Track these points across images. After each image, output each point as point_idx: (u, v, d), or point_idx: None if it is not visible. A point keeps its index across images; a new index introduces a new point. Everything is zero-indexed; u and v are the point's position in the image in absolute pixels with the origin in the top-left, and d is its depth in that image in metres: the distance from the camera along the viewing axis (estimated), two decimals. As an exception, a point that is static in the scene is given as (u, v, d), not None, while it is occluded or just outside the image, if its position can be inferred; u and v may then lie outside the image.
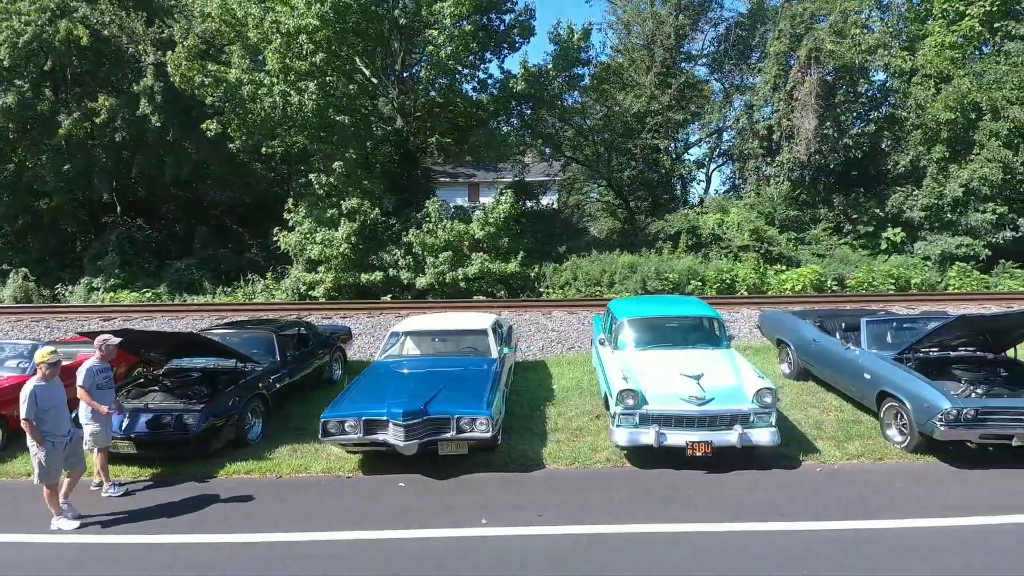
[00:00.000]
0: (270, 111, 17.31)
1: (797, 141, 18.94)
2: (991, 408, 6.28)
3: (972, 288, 18.13)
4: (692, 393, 6.51)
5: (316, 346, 9.47)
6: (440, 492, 6.21)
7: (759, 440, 6.42)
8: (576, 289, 18.62)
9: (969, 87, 19.04)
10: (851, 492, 6.07)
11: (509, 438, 7.42)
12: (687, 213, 20.57)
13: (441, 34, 17.13)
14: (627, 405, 6.54)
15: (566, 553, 5.08)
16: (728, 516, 5.61)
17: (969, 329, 7.11)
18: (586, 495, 6.09)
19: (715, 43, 23.34)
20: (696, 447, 6.35)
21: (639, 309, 8.38)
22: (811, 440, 7.29)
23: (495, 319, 9.18)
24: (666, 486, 6.26)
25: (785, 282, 17.76)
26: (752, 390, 6.51)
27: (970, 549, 5.00)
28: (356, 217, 17.85)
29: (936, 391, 6.48)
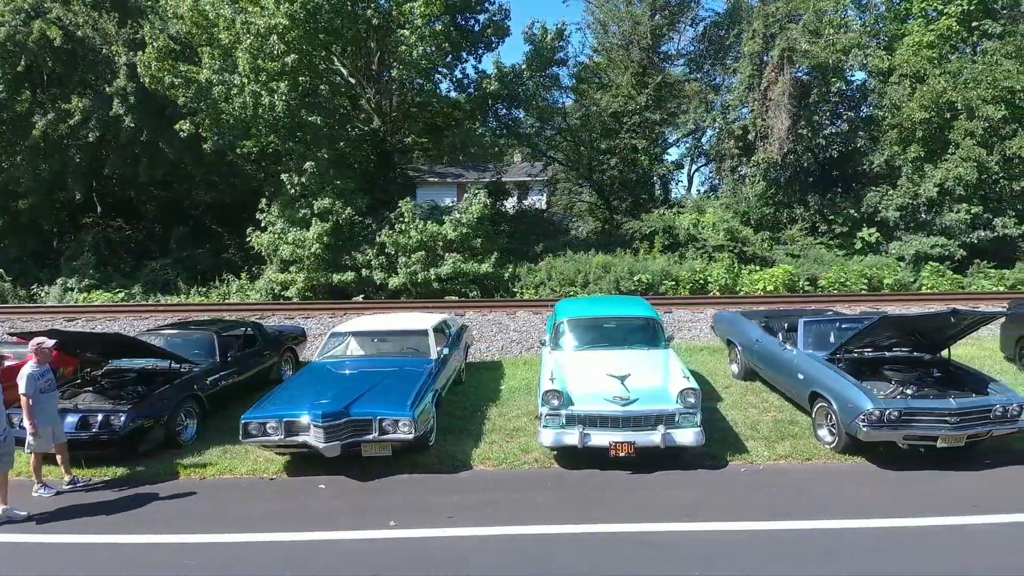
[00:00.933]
0: (240, 111, 17.28)
1: (771, 141, 18.92)
2: (915, 409, 6.26)
3: (946, 288, 18.14)
4: (616, 394, 6.49)
5: (263, 347, 9.44)
6: (360, 494, 6.18)
7: (683, 440, 6.40)
8: (551, 289, 18.59)
9: (944, 86, 19.01)
10: (773, 492, 6.05)
11: (444, 438, 7.40)
12: (663, 213, 20.55)
13: (413, 34, 17.11)
14: (552, 406, 6.52)
15: (470, 555, 5.05)
16: (647, 517, 5.58)
17: (893, 329, 7.09)
18: (507, 496, 6.06)
19: (695, 43, 23.37)
20: (619, 447, 6.33)
21: (579, 310, 8.37)
22: (743, 440, 7.27)
23: (441, 320, 9.16)
24: (589, 487, 6.23)
25: (757, 282, 17.74)
26: (676, 391, 6.49)
27: (884, 551, 4.97)
28: (328, 217, 17.82)
29: (860, 392, 6.46)
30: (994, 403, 6.30)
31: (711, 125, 20.65)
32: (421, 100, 20.27)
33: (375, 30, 18.28)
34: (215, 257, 22.04)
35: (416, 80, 18.34)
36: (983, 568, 4.72)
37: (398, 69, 17.80)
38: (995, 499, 5.76)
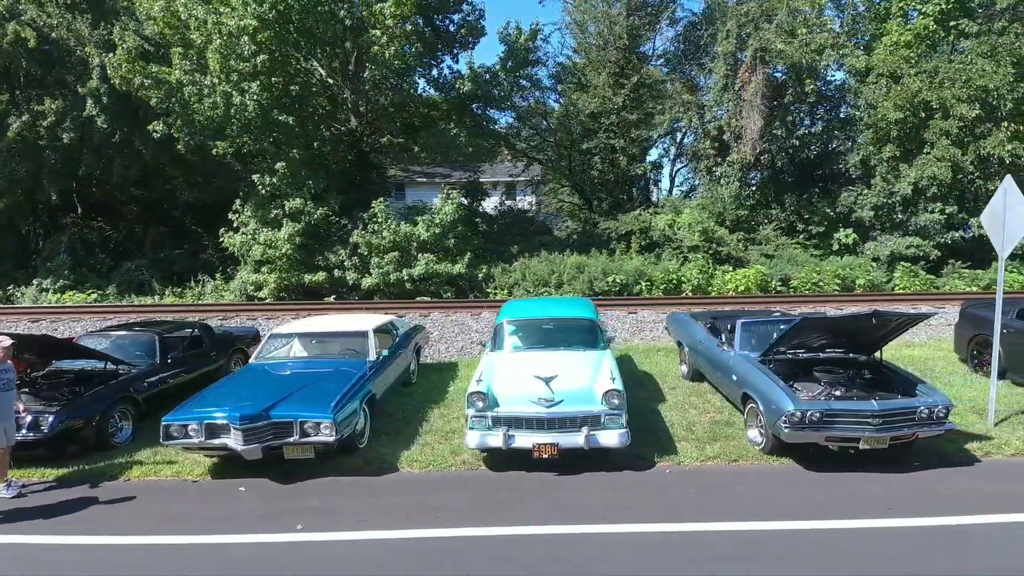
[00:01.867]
0: (211, 112, 17.26)
1: (744, 141, 18.89)
2: (836, 411, 6.24)
3: (918, 288, 18.13)
4: (541, 395, 6.47)
5: (210, 348, 9.43)
6: (278, 497, 6.16)
7: (607, 442, 6.39)
8: (524, 290, 18.57)
9: (920, 86, 18.97)
10: (691, 494, 6.03)
11: (379, 440, 7.39)
12: (639, 214, 20.53)
13: (384, 34, 17.09)
14: (477, 408, 6.51)
15: (374, 559, 5.02)
16: (561, 519, 5.56)
17: (816, 331, 7.07)
18: (425, 499, 6.04)
19: (674, 43, 23.37)
20: (542, 449, 6.31)
21: (519, 311, 8.35)
22: (676, 441, 7.25)
23: (386, 321, 9.15)
24: (510, 489, 6.21)
25: (728, 283, 17.72)
26: (601, 392, 6.47)
27: (785, 553, 4.94)
28: (300, 218, 17.80)
29: (783, 393, 6.44)
30: (918, 405, 6.28)
31: (688, 126, 20.62)
32: (398, 100, 20.26)
33: (349, 30, 18.25)
34: (192, 258, 22.04)
35: (390, 80, 18.30)
36: (880, 571, 4.70)
37: (370, 69, 17.79)
38: (910, 502, 5.75)
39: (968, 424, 7.60)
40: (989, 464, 6.64)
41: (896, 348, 11.69)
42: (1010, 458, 6.78)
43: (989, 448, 6.93)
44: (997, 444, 6.99)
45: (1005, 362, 9.14)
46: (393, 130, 20.85)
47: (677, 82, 20.73)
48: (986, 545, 4.99)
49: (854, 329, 6.97)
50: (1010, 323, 9.14)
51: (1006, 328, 9.17)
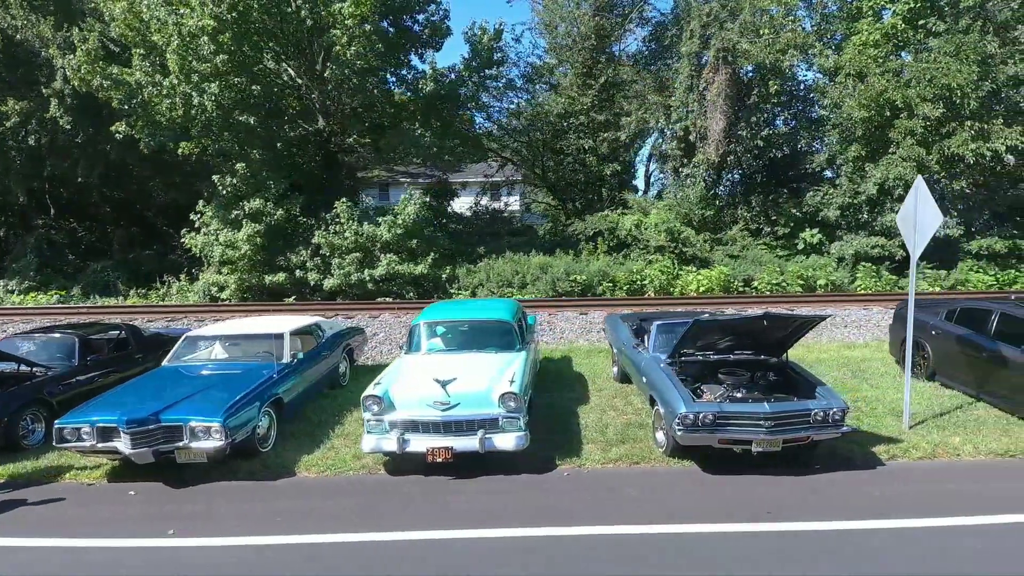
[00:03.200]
0: (170, 112, 17.21)
1: (708, 142, 18.83)
2: (728, 413, 6.19)
3: (883, 288, 18.09)
4: (437, 398, 6.42)
5: (136, 350, 9.38)
6: (166, 501, 6.11)
7: (503, 445, 6.34)
8: (488, 291, 18.52)
9: (885, 85, 18.90)
10: (583, 496, 5.99)
11: (287, 444, 7.34)
12: (607, 214, 20.48)
13: (344, 35, 17.04)
14: (373, 411, 6.46)
15: (244, 564, 4.97)
16: (449, 522, 5.51)
17: (712, 333, 7.02)
18: (314, 504, 5.98)
19: (645, 43, 23.30)
20: (436, 453, 6.27)
21: (435, 313, 8.31)
22: (584, 443, 7.20)
23: (310, 323, 9.10)
24: (403, 493, 6.16)
25: (691, 283, 17.67)
26: (498, 395, 6.42)
27: (650, 556, 4.90)
28: (261, 218, 17.74)
29: (678, 395, 6.40)
30: (812, 408, 6.22)
31: (655, 126, 20.57)
32: (365, 101, 20.19)
33: (311, 31, 18.20)
34: (161, 259, 21.99)
35: (352, 80, 18.25)
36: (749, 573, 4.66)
37: (331, 69, 17.73)
38: (796, 506, 5.70)
39: (882, 426, 7.56)
40: (891, 468, 6.60)
41: (837, 350, 11.76)
42: (915, 462, 6.73)
43: (896, 451, 6.88)
44: (904, 447, 6.94)
45: (934, 364, 9.12)
46: (361, 130, 20.76)
47: (646, 82, 20.66)
48: (865, 549, 4.95)
49: (751, 331, 6.92)
50: (938, 325, 9.12)
51: (934, 330, 9.15)
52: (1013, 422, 7.60)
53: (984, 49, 18.25)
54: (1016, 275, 18.84)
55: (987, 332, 8.20)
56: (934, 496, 5.87)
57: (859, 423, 7.69)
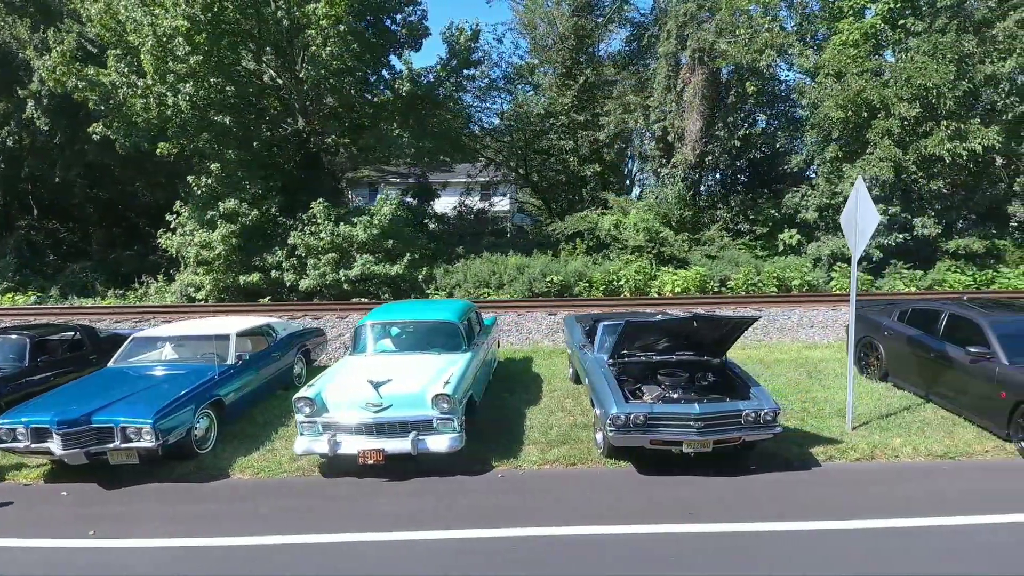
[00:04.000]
0: (144, 112, 17.21)
1: (685, 143, 18.82)
2: (659, 414, 6.18)
3: (860, 290, 18.04)
4: (369, 400, 6.41)
5: (90, 351, 9.36)
6: (97, 502, 6.09)
7: (436, 447, 6.33)
8: (466, 291, 18.51)
9: (862, 85, 18.87)
10: (511, 498, 5.99)
11: (227, 445, 7.32)
12: (586, 214, 20.47)
13: (318, 35, 17.04)
14: (305, 413, 6.44)
15: (156, 566, 4.97)
16: (370, 526, 5.47)
17: (646, 333, 7.01)
18: (241, 506, 5.96)
19: (627, 43, 23.24)
20: (367, 455, 6.25)
21: (381, 314, 8.30)
22: (525, 444, 7.19)
23: (260, 324, 9.09)
24: (331, 496, 6.14)
25: (666, 284, 17.66)
26: (431, 396, 6.41)
27: (567, 558, 4.89)
28: (236, 219, 17.73)
29: (611, 396, 6.39)
30: (743, 409, 6.22)
31: (635, 127, 20.54)
32: (345, 100, 20.17)
33: (287, 31, 18.18)
34: (141, 259, 21.96)
35: (329, 80, 18.24)
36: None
37: (306, 70, 17.72)
38: (719, 507, 5.68)
39: (826, 427, 7.55)
40: (827, 469, 6.58)
41: (799, 350, 11.75)
42: (852, 463, 6.72)
43: (834, 452, 6.87)
44: (843, 448, 6.93)
45: (887, 365, 9.10)
46: (340, 130, 20.74)
47: (625, 83, 20.64)
48: (784, 550, 4.94)
49: (686, 332, 6.91)
50: (891, 326, 9.11)
51: (887, 331, 9.14)
52: (959, 423, 7.58)
53: (961, 48, 18.23)
54: (994, 275, 18.82)
55: (936, 333, 8.19)
56: (863, 498, 5.85)
57: (803, 424, 7.70)
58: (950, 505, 5.63)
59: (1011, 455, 6.77)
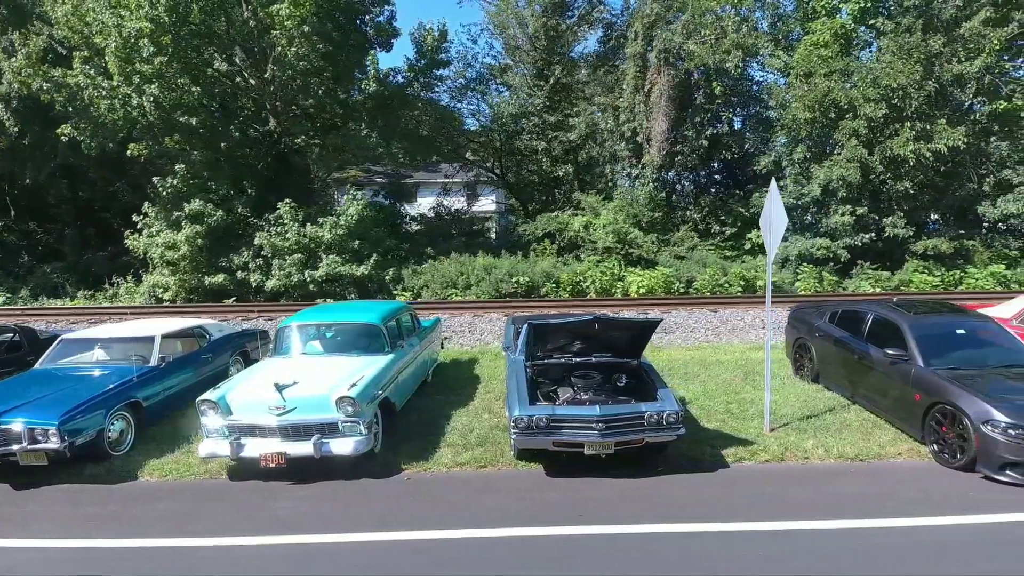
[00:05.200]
0: (108, 114, 17.22)
1: (652, 143, 18.82)
2: (560, 417, 6.19)
3: (826, 289, 18.09)
4: (273, 403, 6.42)
5: (29, 352, 9.39)
6: (6, 503, 6.11)
7: (340, 450, 6.33)
8: (433, 292, 18.52)
9: (829, 86, 18.89)
10: (412, 500, 5.99)
11: (145, 446, 7.32)
12: (556, 215, 20.48)
13: (284, 36, 17.06)
14: (208, 416, 6.45)
15: (45, 565, 4.99)
16: (262, 528, 5.48)
17: (553, 335, 7.02)
18: (140, 508, 5.95)
19: (599, 44, 23.27)
20: (269, 458, 6.25)
21: (304, 316, 8.31)
22: (440, 447, 7.17)
23: (191, 326, 9.10)
24: (231, 498, 6.13)
25: (631, 284, 17.67)
26: (335, 399, 6.41)
27: (431, 562, 4.91)
28: (202, 220, 17.75)
29: (517, 398, 6.40)
30: (644, 410, 6.22)
31: (605, 127, 20.53)
32: (315, 101, 20.17)
33: (254, 32, 18.19)
34: (114, 260, 21.96)
35: (296, 81, 18.25)
36: None
37: (271, 71, 17.73)
38: (616, 509, 5.68)
39: (745, 429, 7.55)
40: (734, 470, 6.58)
41: (743, 351, 11.75)
42: (760, 464, 6.72)
43: (744, 454, 6.87)
44: (754, 450, 6.93)
45: (818, 366, 9.10)
46: (312, 131, 20.73)
47: (596, 83, 20.65)
48: (657, 552, 4.95)
49: (591, 333, 6.92)
50: (822, 327, 9.11)
51: (818, 332, 9.15)
52: (880, 426, 7.57)
53: (928, 48, 18.24)
54: (962, 275, 18.84)
55: (860, 334, 8.20)
56: (758, 500, 5.85)
57: (723, 425, 7.70)
58: (843, 508, 5.62)
59: (924, 458, 6.77)
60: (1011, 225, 20.06)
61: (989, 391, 6.36)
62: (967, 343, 7.37)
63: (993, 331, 7.62)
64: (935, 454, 6.65)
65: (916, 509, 5.63)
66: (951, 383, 6.59)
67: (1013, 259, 19.41)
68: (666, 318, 13.85)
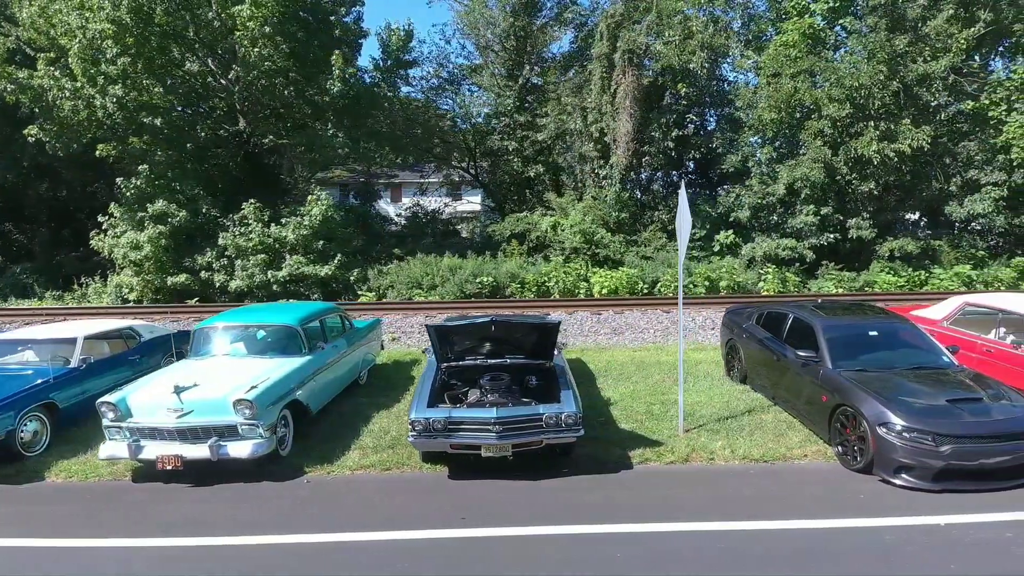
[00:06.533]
0: (72, 115, 17.22)
1: (619, 144, 18.83)
2: (457, 419, 6.20)
3: (791, 290, 18.09)
4: (171, 405, 6.42)
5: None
6: None
7: (237, 453, 6.33)
8: (398, 292, 18.52)
9: (794, 87, 18.88)
10: (306, 504, 5.99)
11: (61, 448, 7.32)
12: (525, 215, 20.49)
13: (245, 36, 17.06)
14: (109, 418, 6.46)
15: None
16: (144, 531, 5.49)
17: (456, 336, 7.03)
18: (36, 509, 5.99)
19: (572, 45, 23.30)
20: (166, 460, 6.26)
21: (221, 317, 8.30)
22: (351, 449, 7.17)
23: (118, 327, 9.12)
24: (128, 500, 6.16)
25: (594, 285, 17.67)
26: (232, 402, 6.41)
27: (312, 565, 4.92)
28: (166, 220, 17.76)
29: (417, 400, 6.42)
30: (543, 413, 6.24)
31: (573, 128, 20.52)
32: (283, 101, 20.15)
33: (219, 32, 18.18)
34: (84, 261, 21.96)
35: (261, 82, 18.24)
36: None
37: (235, 71, 17.73)
38: (504, 511, 5.69)
39: (660, 430, 7.57)
40: (638, 472, 6.60)
41: (688, 352, 11.70)
42: (664, 466, 6.73)
43: (651, 455, 6.88)
44: (661, 451, 6.95)
45: (745, 367, 9.11)
46: (283, 131, 20.71)
47: (565, 84, 20.65)
48: (539, 552, 4.97)
49: (495, 336, 6.93)
50: (749, 328, 9.12)
51: (745, 333, 9.15)
52: (795, 427, 7.58)
53: (893, 47, 18.23)
54: (927, 276, 18.84)
55: (781, 336, 8.21)
56: (653, 501, 5.87)
57: (640, 427, 7.71)
58: (735, 509, 5.63)
59: (830, 459, 6.78)
60: (982, 225, 20.04)
61: (889, 393, 6.37)
62: (879, 345, 7.38)
63: (909, 333, 7.63)
64: (839, 456, 6.66)
65: (807, 512, 5.64)
66: (853, 385, 6.60)
67: (980, 260, 19.40)
68: (618, 319, 13.87)
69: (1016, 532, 5.19)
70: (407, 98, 22.12)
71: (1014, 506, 5.66)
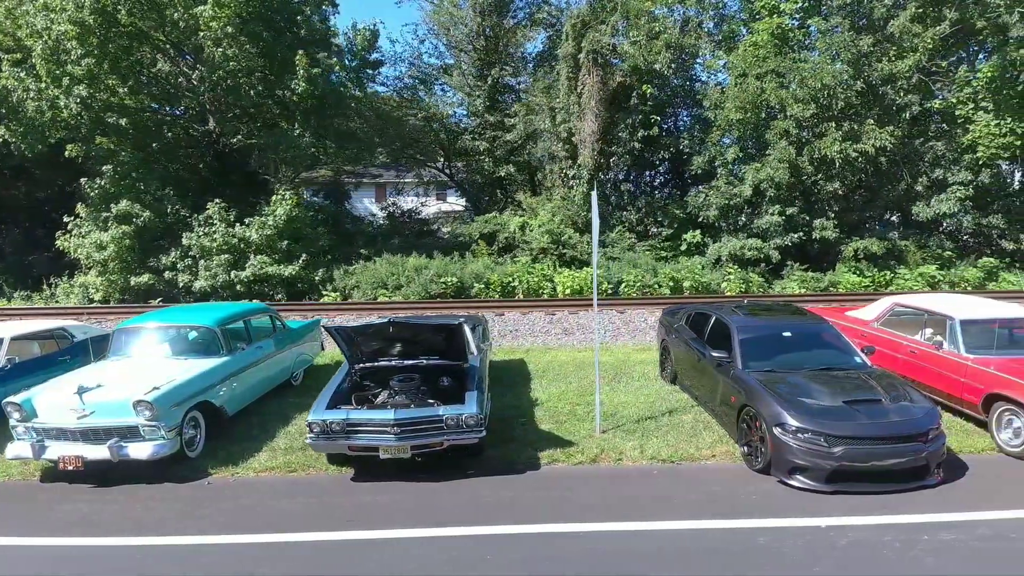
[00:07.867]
0: (37, 115, 17.22)
1: (585, 144, 18.84)
2: (356, 421, 6.21)
3: (755, 290, 18.10)
4: (73, 406, 6.43)
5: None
6: None
7: (138, 454, 6.35)
8: (363, 292, 18.52)
9: (760, 87, 18.89)
10: (204, 505, 6.00)
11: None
12: (493, 216, 20.49)
13: (208, 37, 17.05)
14: (15, 418, 6.47)
15: None
16: (35, 531, 5.52)
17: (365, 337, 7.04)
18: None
19: (544, 45, 23.31)
20: (67, 460, 6.27)
21: (140, 318, 8.31)
22: (260, 451, 7.17)
23: (50, 327, 9.10)
24: (26, 499, 6.22)
25: (559, 285, 17.68)
26: (132, 403, 6.41)
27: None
28: (130, 220, 17.75)
29: (318, 402, 6.43)
30: (443, 414, 6.25)
31: (542, 128, 20.53)
32: (250, 101, 20.12)
33: (184, 33, 18.16)
34: (55, 261, 21.92)
35: (226, 82, 18.23)
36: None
37: (199, 71, 17.72)
38: (394, 514, 5.70)
39: (577, 431, 7.59)
40: (543, 472, 6.61)
41: (627, 352, 11.78)
42: (572, 466, 6.75)
43: (560, 456, 6.90)
44: (571, 452, 6.97)
45: (674, 367, 9.12)
46: (253, 130, 20.68)
47: (534, 85, 20.66)
48: (409, 555, 4.98)
49: (391, 336, 6.94)
50: (679, 328, 9.13)
51: (675, 333, 9.17)
52: (711, 427, 7.60)
53: (857, 47, 18.24)
54: (892, 276, 18.85)
55: (703, 336, 8.22)
56: (550, 501, 5.88)
57: (558, 427, 7.73)
58: (630, 510, 5.66)
59: (736, 460, 6.80)
60: (950, 225, 20.06)
61: (788, 393, 6.39)
62: (793, 346, 7.39)
63: (825, 333, 7.65)
64: (744, 456, 6.68)
65: (696, 512, 5.66)
66: (757, 385, 6.63)
67: (947, 260, 19.42)
68: (571, 319, 13.89)
69: (894, 535, 5.20)
70: (378, 96, 22.12)
71: (904, 508, 5.68)
